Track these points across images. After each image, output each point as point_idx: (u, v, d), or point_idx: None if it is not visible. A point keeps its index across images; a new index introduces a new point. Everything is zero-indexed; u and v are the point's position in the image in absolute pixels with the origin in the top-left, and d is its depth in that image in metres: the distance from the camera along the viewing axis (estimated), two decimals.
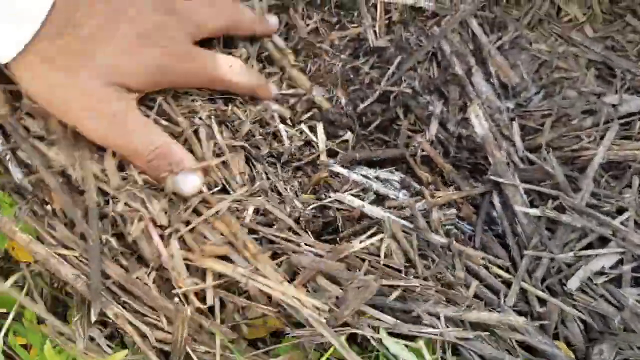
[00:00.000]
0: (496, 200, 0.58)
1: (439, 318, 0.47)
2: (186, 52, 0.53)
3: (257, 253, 0.48)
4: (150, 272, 0.48)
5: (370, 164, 0.60)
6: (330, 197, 0.54)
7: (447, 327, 0.47)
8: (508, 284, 0.53)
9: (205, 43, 0.57)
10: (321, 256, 0.49)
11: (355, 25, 0.64)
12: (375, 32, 0.63)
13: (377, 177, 0.59)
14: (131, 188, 0.49)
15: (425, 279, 0.49)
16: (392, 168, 0.60)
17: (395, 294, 0.48)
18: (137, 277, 0.48)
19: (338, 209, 0.54)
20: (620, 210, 0.55)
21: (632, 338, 0.49)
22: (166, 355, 0.48)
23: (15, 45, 0.45)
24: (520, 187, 0.55)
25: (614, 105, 0.58)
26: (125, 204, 0.48)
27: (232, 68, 0.56)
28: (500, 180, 0.55)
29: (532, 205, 0.55)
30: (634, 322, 0.50)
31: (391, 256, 0.50)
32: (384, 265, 0.49)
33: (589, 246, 0.54)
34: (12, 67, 0.47)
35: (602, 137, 0.57)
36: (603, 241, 0.54)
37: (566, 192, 0.55)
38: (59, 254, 0.47)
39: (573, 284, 0.51)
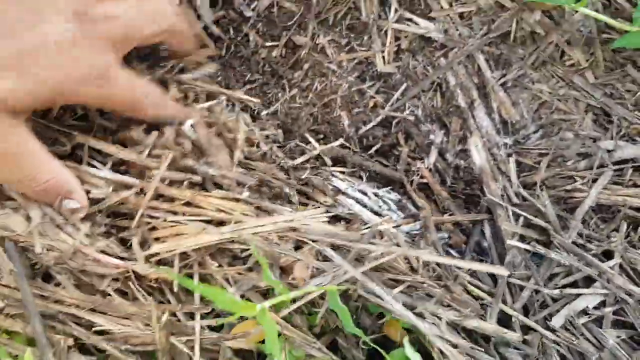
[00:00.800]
0: (487, 230, 0.59)
1: (440, 319, 0.48)
2: (95, 74, 0.45)
3: None
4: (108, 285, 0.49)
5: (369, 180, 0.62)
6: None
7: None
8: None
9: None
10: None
11: (365, 49, 0.65)
12: (383, 57, 0.64)
13: (375, 194, 0.60)
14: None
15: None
16: (389, 188, 0.61)
17: (401, 287, 0.49)
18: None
19: None
20: (607, 253, 0.56)
21: None
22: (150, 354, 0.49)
23: None
24: (512, 218, 0.57)
25: (608, 151, 0.59)
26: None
27: (148, 99, 0.51)
28: (495, 205, 0.57)
29: (522, 238, 0.57)
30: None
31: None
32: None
33: (574, 284, 0.55)
34: None
35: (594, 181, 0.59)
36: (588, 280, 0.55)
37: (556, 230, 0.56)
38: None
39: (557, 321, 0.52)
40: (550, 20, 0.63)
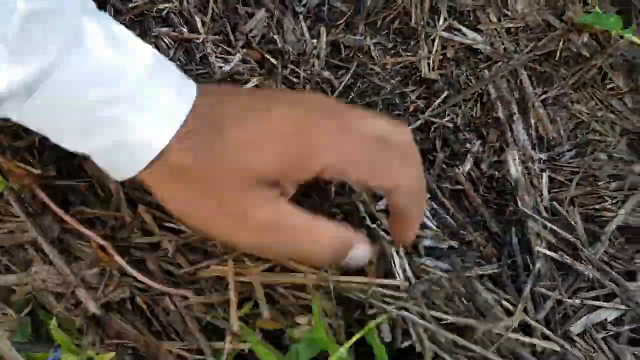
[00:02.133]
0: (515, 240, 0.60)
1: None
2: None
3: None
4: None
5: None
6: None
7: None
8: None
9: None
10: None
11: (410, 54, 0.67)
12: (428, 64, 0.66)
13: None
14: None
15: None
16: None
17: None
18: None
19: None
20: (630, 273, 0.58)
21: None
22: None
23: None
24: (542, 230, 0.58)
25: None
26: None
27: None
28: (527, 216, 0.58)
29: (550, 249, 0.58)
30: None
31: None
32: None
33: (596, 299, 0.57)
34: (143, 176, 0.42)
35: (624, 202, 0.60)
36: (610, 297, 0.57)
37: (584, 245, 0.58)
38: None
39: (576, 328, 0.54)
40: (597, 43, 0.65)
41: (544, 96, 0.64)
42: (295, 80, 0.66)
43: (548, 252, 0.57)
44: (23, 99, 0.37)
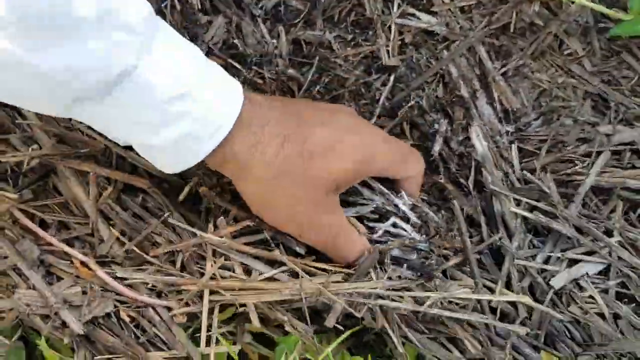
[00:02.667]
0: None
1: None
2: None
3: None
4: None
5: None
6: None
7: None
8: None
9: None
10: None
11: (370, 43, 0.68)
12: (388, 51, 0.67)
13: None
14: None
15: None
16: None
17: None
18: None
19: None
20: (607, 232, 0.59)
21: (625, 345, 0.53)
22: None
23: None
24: (512, 196, 0.59)
25: (607, 135, 0.62)
26: None
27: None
28: (498, 193, 0.59)
29: (525, 221, 0.59)
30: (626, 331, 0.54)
31: None
32: None
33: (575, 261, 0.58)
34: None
35: (594, 164, 0.61)
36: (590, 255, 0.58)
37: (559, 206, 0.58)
38: None
39: (557, 282, 0.55)
40: (549, 11, 0.66)
41: (504, 69, 0.65)
42: (259, 81, 0.67)
43: (522, 212, 0.58)
44: (100, 97, 0.41)
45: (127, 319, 0.50)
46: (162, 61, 0.42)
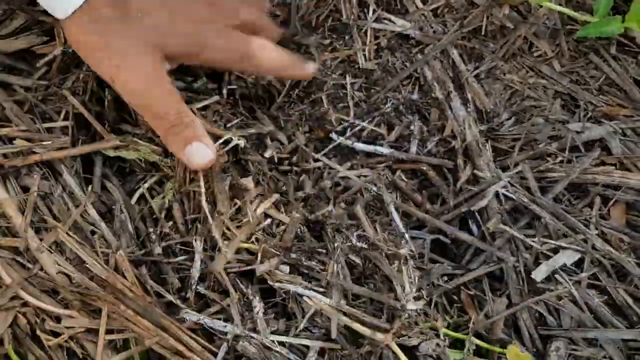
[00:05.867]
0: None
1: None
2: (223, 30, 0.57)
3: None
4: None
5: None
6: None
7: None
8: None
9: None
10: None
11: (347, 48, 0.70)
12: (364, 55, 0.69)
13: None
14: None
15: None
16: None
17: None
18: None
19: None
20: (582, 224, 0.60)
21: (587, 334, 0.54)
22: None
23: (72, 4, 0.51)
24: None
25: (577, 132, 0.64)
26: None
27: (264, 46, 0.59)
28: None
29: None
30: (589, 320, 0.56)
31: None
32: None
33: (554, 251, 0.59)
34: (65, 24, 0.53)
35: (569, 161, 0.63)
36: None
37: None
38: None
39: (539, 274, 0.56)
40: (518, 14, 0.68)
41: (476, 71, 0.67)
42: (242, 84, 0.69)
43: (503, 192, 0.59)
44: None
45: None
46: None
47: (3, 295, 0.51)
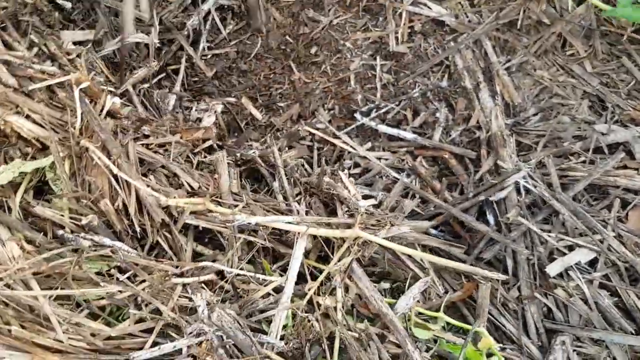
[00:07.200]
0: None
1: None
2: None
3: None
4: None
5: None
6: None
7: None
8: None
9: None
10: None
11: (379, 29, 0.69)
12: (397, 38, 0.68)
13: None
14: None
15: None
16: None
17: None
18: None
19: None
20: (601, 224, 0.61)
21: (593, 334, 0.55)
22: None
23: None
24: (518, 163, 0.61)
25: (602, 134, 0.64)
26: None
27: None
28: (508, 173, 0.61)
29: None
30: (597, 319, 0.56)
31: None
32: None
33: (570, 248, 0.60)
34: None
35: (592, 162, 0.63)
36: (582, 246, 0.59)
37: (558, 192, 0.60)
38: None
39: (553, 270, 0.57)
40: (555, 11, 0.68)
41: (507, 64, 0.67)
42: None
43: (527, 185, 0.59)
44: None
45: None
46: None
47: None
